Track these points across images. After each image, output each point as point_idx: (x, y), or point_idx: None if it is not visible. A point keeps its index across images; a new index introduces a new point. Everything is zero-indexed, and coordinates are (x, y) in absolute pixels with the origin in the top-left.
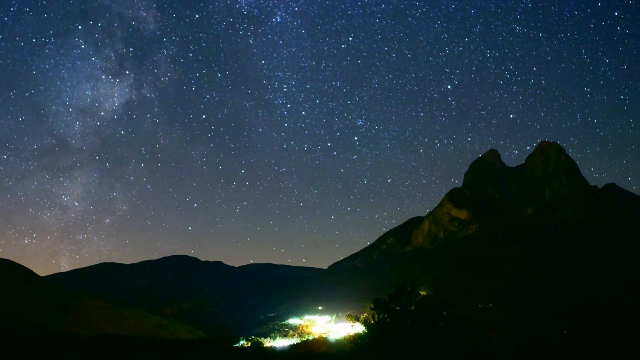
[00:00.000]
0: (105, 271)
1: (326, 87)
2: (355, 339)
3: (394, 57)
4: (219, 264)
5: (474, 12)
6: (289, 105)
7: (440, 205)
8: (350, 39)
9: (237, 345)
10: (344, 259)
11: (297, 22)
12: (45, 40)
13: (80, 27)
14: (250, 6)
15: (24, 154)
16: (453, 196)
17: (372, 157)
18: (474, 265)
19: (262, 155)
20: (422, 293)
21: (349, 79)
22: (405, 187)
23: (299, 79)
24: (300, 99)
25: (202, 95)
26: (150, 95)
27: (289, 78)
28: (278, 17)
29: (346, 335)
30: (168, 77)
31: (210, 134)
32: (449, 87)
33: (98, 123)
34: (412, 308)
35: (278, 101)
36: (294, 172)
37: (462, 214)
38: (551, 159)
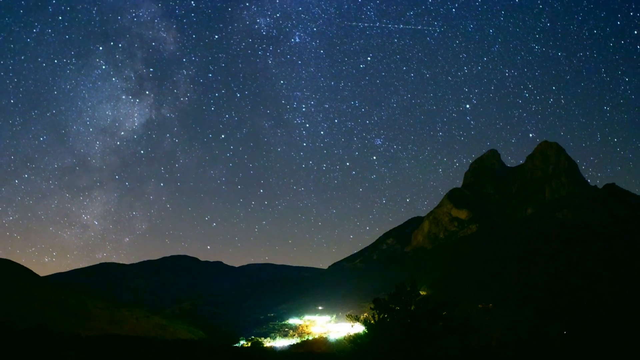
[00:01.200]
0: (105, 271)
1: (345, 107)
2: (355, 339)
3: (412, 76)
4: (219, 264)
5: (492, 32)
6: (307, 125)
7: (440, 205)
8: (369, 58)
9: (237, 345)
10: (344, 259)
11: (315, 42)
12: (66, 61)
13: (101, 48)
14: (269, 27)
15: (44, 173)
16: (453, 196)
17: (391, 176)
18: (474, 265)
19: (281, 174)
20: (422, 293)
21: (367, 99)
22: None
23: (317, 99)
24: (319, 119)
25: (221, 115)
26: (169, 115)
27: (307, 98)
28: (297, 38)
29: (346, 335)
30: (187, 97)
31: (230, 153)
32: (467, 106)
33: (118, 142)
34: (412, 308)
35: (297, 121)
36: (313, 191)
37: (462, 214)
38: (551, 159)
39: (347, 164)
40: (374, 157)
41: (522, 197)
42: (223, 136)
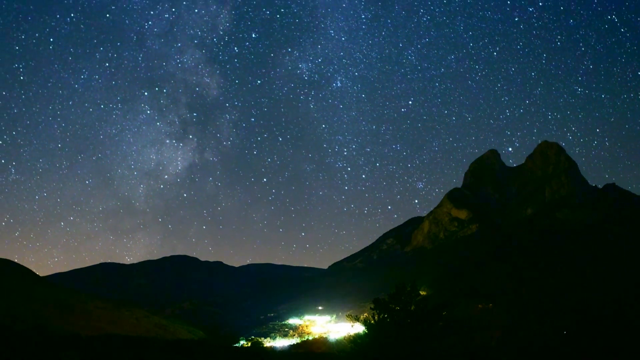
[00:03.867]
0: (105, 271)
1: (386, 151)
2: (355, 339)
3: (454, 120)
4: (219, 264)
5: (535, 75)
6: (349, 169)
7: (440, 205)
8: (410, 102)
9: (237, 345)
10: (344, 259)
11: (357, 86)
12: (112, 106)
13: (146, 93)
14: (311, 72)
15: (89, 215)
16: (453, 196)
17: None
18: (474, 265)
19: (323, 218)
20: (422, 293)
21: (409, 142)
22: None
23: (359, 143)
24: (361, 162)
25: (263, 158)
26: (212, 158)
27: (349, 142)
28: (338, 82)
29: (346, 335)
30: (230, 141)
31: (271, 197)
32: (510, 149)
33: (161, 186)
34: (412, 308)
35: (338, 164)
36: (355, 235)
37: (462, 214)
38: (551, 159)
39: (389, 207)
40: (416, 201)
41: (522, 197)
42: (265, 180)
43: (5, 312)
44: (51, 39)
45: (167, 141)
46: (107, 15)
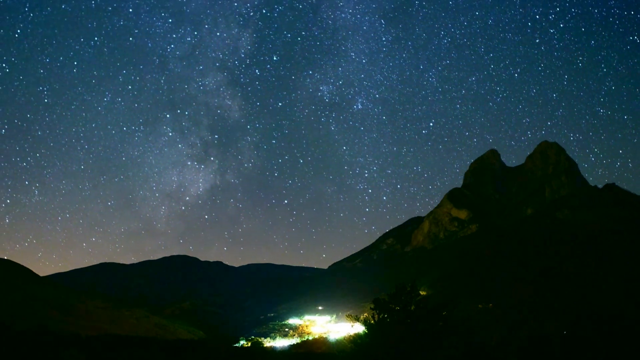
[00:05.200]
0: (105, 271)
1: (407, 172)
2: (355, 339)
3: (475, 141)
4: (219, 264)
5: (556, 96)
6: (370, 191)
7: (440, 205)
8: (431, 124)
9: (237, 345)
10: (344, 259)
11: (378, 108)
12: (135, 128)
13: (168, 115)
14: (332, 94)
15: (111, 236)
16: (453, 196)
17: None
18: (474, 266)
19: (343, 239)
20: (422, 293)
21: (430, 164)
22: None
23: (380, 164)
24: (382, 184)
25: (284, 180)
26: (234, 180)
27: (370, 164)
28: (359, 104)
29: (346, 335)
30: (251, 163)
31: (292, 218)
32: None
33: (183, 207)
34: (412, 308)
35: (359, 186)
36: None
37: (462, 214)
38: (551, 159)
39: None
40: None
41: (522, 197)
42: (286, 201)
43: (6, 312)
44: (75, 63)
45: (189, 163)
46: (130, 38)
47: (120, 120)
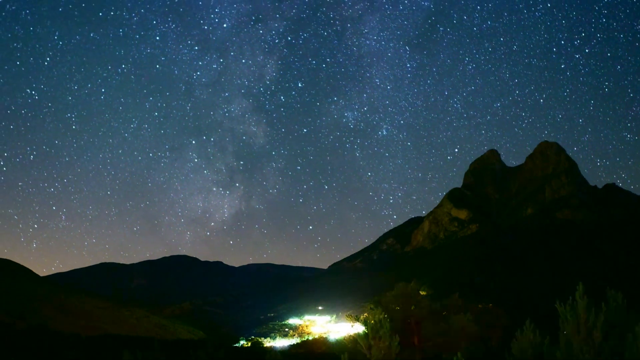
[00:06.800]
0: (105, 271)
1: (432, 199)
2: (356, 339)
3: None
4: (219, 264)
5: (582, 122)
6: (395, 217)
7: (440, 205)
8: (457, 150)
9: (237, 345)
10: (344, 259)
11: (403, 134)
12: (160, 154)
13: (193, 141)
14: (356, 120)
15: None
16: (453, 196)
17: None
18: (474, 266)
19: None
20: (422, 293)
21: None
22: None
23: (405, 191)
24: (407, 210)
25: (309, 206)
26: (259, 206)
27: (395, 190)
28: (384, 130)
29: (346, 335)
30: (276, 189)
31: (317, 244)
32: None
33: (208, 233)
34: (412, 308)
35: (384, 212)
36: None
37: (462, 214)
38: (551, 159)
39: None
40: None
41: (522, 197)
42: (311, 227)
43: (6, 312)
44: (103, 89)
45: (214, 189)
46: (157, 66)
47: (146, 146)
